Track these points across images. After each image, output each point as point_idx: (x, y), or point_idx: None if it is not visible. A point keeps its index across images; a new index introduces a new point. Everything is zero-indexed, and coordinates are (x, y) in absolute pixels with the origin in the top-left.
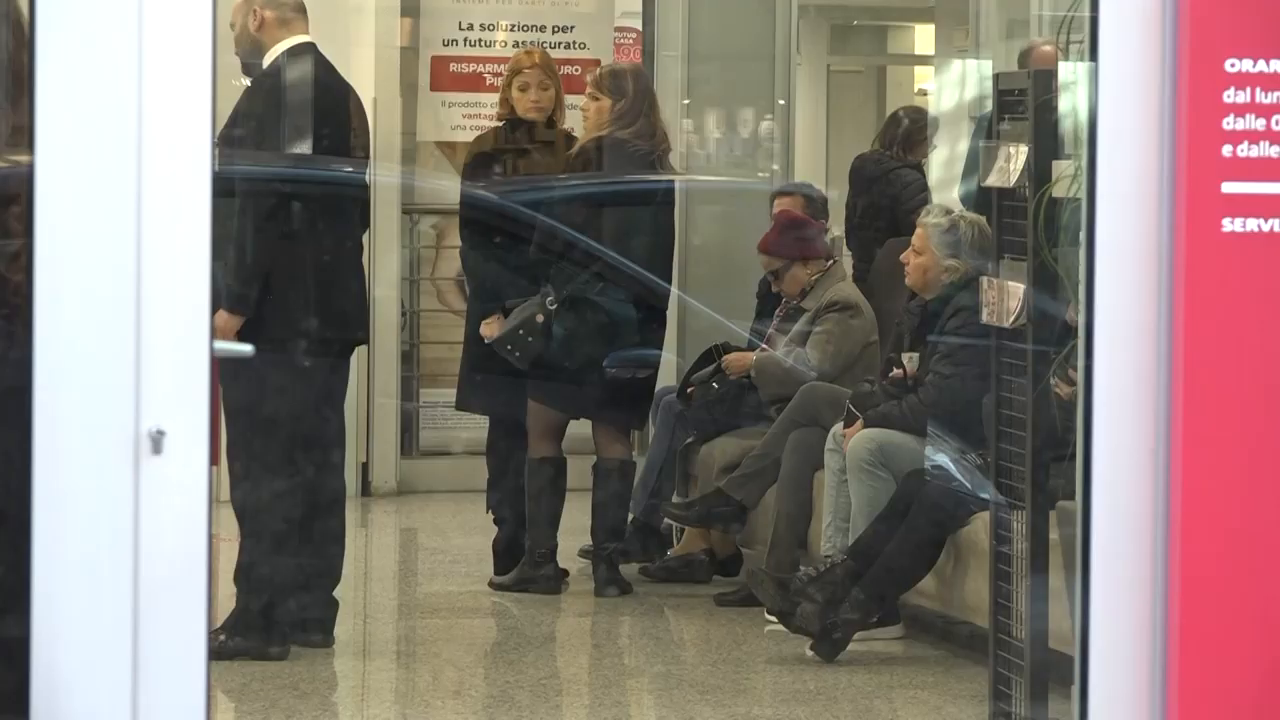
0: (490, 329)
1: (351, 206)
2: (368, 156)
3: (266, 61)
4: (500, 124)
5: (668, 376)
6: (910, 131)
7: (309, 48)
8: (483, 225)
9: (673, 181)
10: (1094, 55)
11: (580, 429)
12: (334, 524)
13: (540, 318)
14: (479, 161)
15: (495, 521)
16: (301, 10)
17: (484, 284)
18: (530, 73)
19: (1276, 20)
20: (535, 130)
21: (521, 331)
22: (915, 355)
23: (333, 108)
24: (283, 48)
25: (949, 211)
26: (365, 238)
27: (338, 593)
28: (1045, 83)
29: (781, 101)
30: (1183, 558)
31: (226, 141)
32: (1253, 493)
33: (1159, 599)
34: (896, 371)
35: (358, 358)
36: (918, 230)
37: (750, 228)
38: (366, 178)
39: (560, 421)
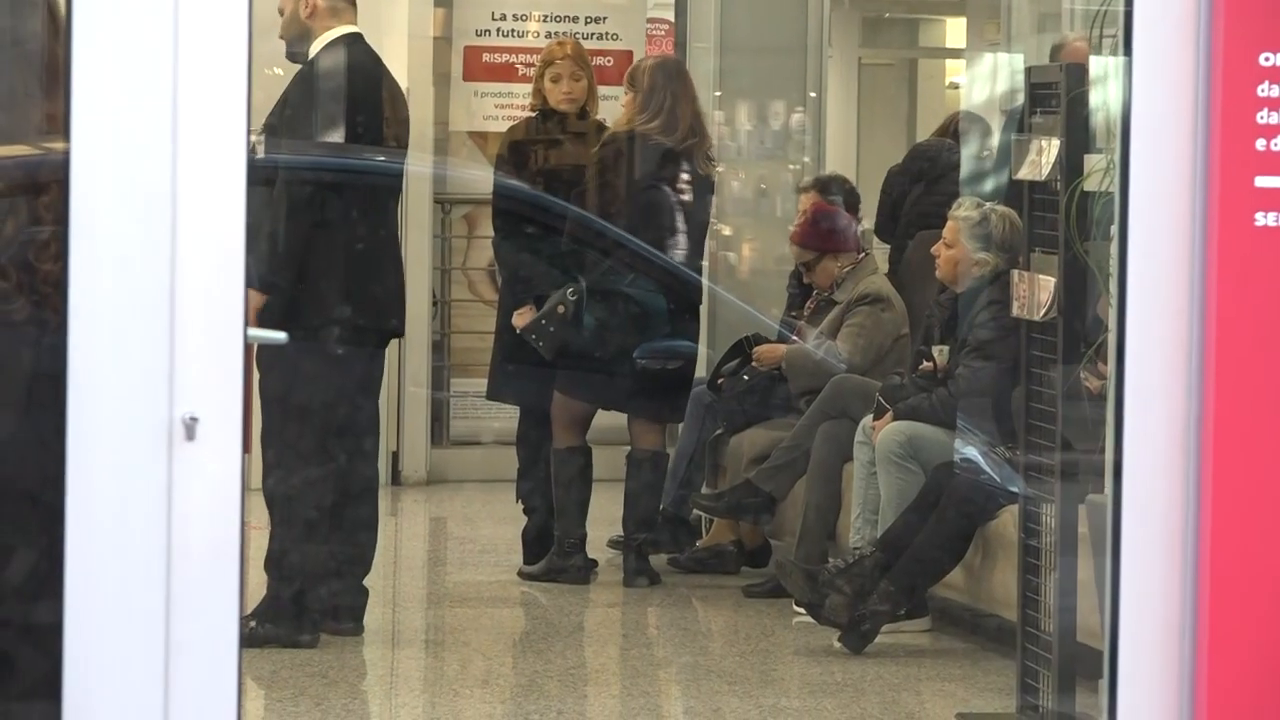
0: (522, 319)
1: (395, 197)
2: (406, 148)
3: (314, 50)
4: (533, 115)
5: (698, 368)
6: (950, 125)
7: (358, 38)
8: (515, 215)
9: (706, 177)
10: (1128, 49)
11: (613, 420)
12: (366, 512)
13: (561, 308)
14: (512, 151)
15: (525, 511)
16: (352, 0)
17: (516, 274)
18: (562, 64)
19: None
20: (567, 121)
21: (544, 321)
22: (945, 348)
23: (386, 98)
24: (331, 36)
25: (980, 205)
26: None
27: (368, 581)
28: (1078, 77)
29: (813, 94)
30: (1212, 553)
31: (272, 129)
32: None
33: (1189, 594)
34: (926, 364)
35: (390, 348)
36: (949, 223)
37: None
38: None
39: (586, 412)
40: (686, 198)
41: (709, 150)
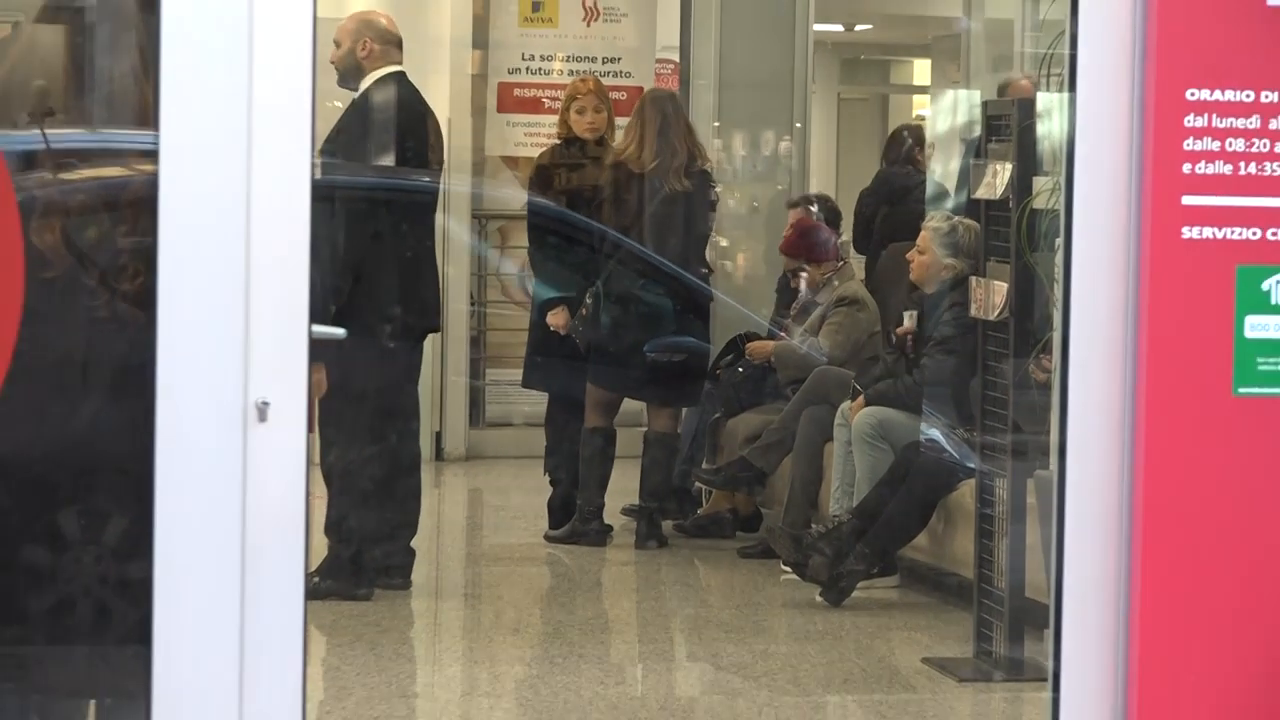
0: (557, 319)
1: (432, 212)
2: (442, 169)
3: (366, 84)
4: (559, 142)
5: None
6: (913, 146)
7: (403, 75)
8: (544, 229)
9: (682, 192)
10: (1072, 87)
11: (627, 404)
12: (412, 483)
13: (583, 309)
14: (540, 174)
15: (551, 483)
16: (400, 44)
17: (546, 280)
18: (585, 98)
19: (1229, 55)
20: (588, 148)
21: (574, 321)
22: (914, 312)
23: (430, 127)
24: (381, 74)
25: (950, 218)
26: (440, 238)
27: (414, 543)
28: (1027, 110)
29: (798, 124)
30: (1144, 520)
31: (330, 153)
32: (1207, 459)
33: (1123, 555)
34: (902, 327)
35: (433, 342)
36: (923, 232)
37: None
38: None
39: (613, 398)
40: (656, 210)
41: (679, 169)
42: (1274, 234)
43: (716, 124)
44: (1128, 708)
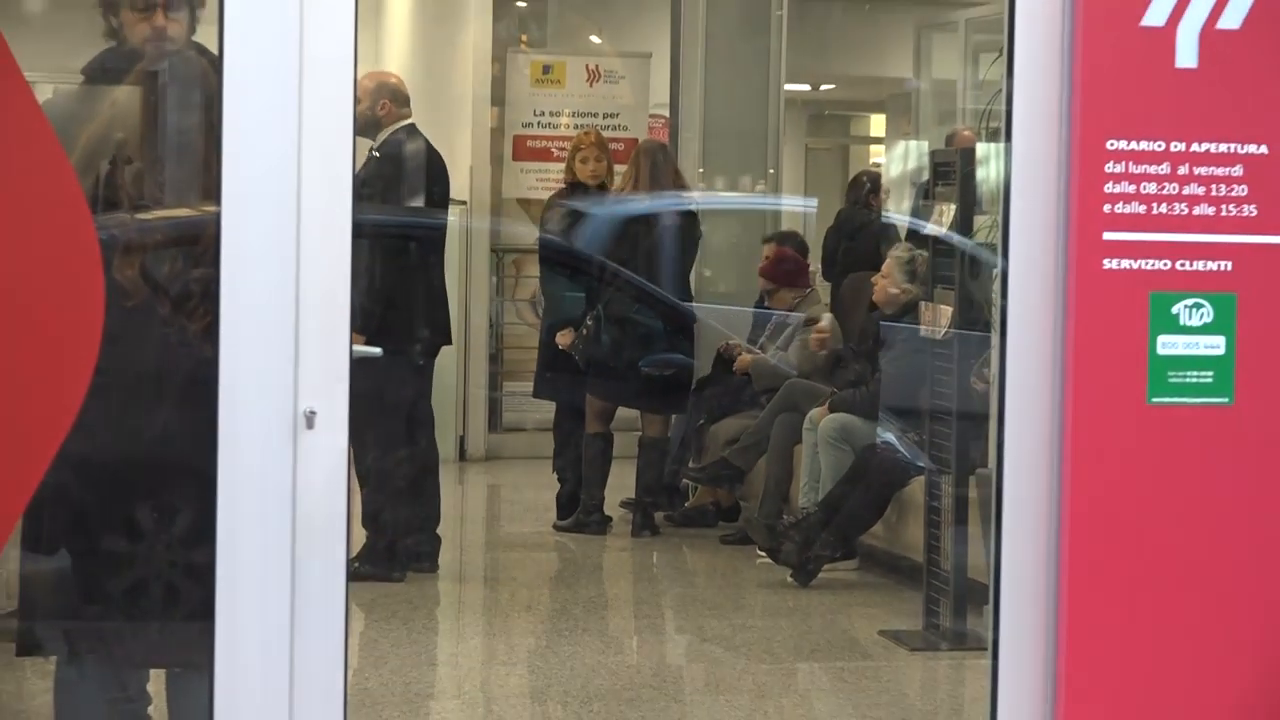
0: (564, 339)
1: (443, 244)
2: (449, 207)
3: (383, 136)
4: (564, 186)
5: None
6: (870, 190)
7: (414, 128)
8: (552, 261)
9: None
10: (1008, 137)
11: (624, 411)
12: (432, 480)
13: (585, 330)
14: (552, 215)
15: (559, 480)
16: (408, 101)
17: (553, 304)
18: (588, 149)
19: (1143, 110)
20: (590, 191)
21: (578, 341)
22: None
23: (438, 171)
24: (395, 127)
25: (911, 249)
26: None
27: (441, 532)
28: (968, 158)
29: (771, 170)
30: (1070, 511)
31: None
32: (1123, 460)
33: (1052, 540)
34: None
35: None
36: (887, 260)
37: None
38: (448, 224)
39: (611, 407)
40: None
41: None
42: (1182, 265)
43: (701, 170)
44: (1056, 672)
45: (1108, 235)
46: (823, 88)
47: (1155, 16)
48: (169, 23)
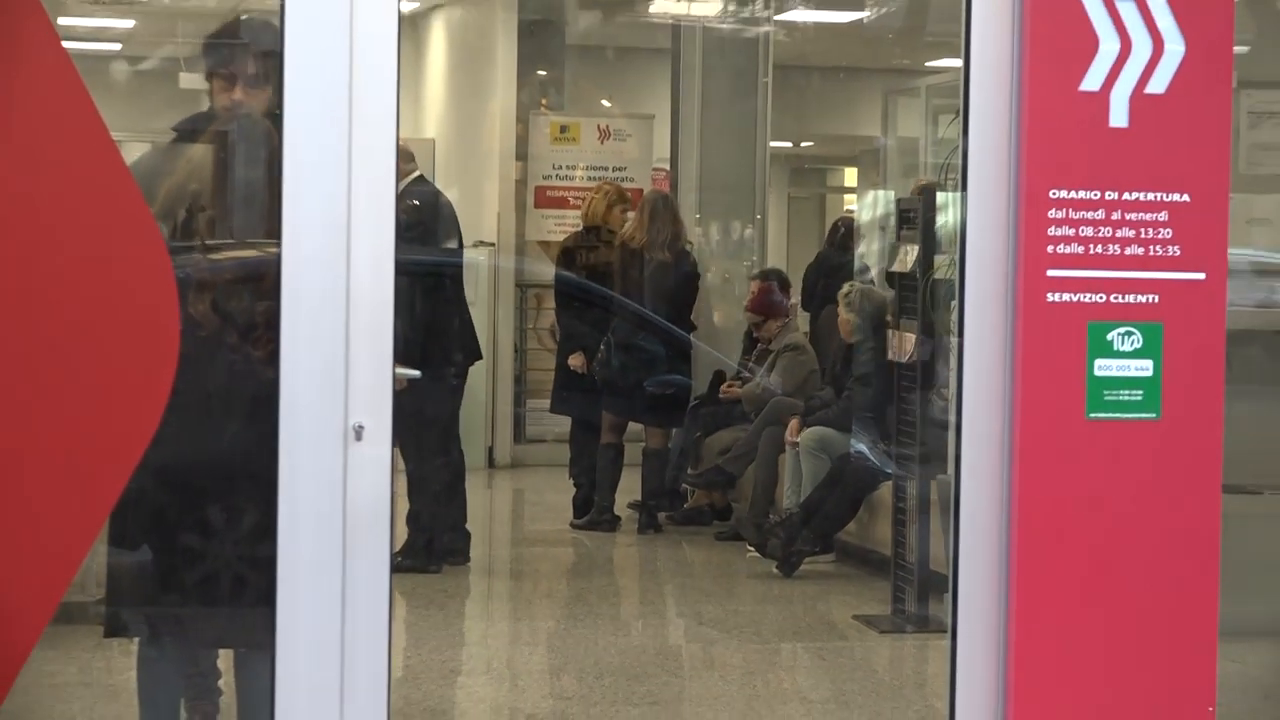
0: (576, 361)
1: (460, 277)
2: (461, 247)
3: (401, 188)
4: (579, 230)
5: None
6: (846, 234)
7: (423, 178)
8: (568, 295)
9: (668, 263)
10: (964, 187)
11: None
12: (463, 483)
13: (599, 355)
14: (565, 254)
15: (575, 485)
16: (413, 158)
17: (569, 332)
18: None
19: (1081, 163)
20: (601, 234)
21: (594, 363)
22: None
23: (449, 214)
24: (407, 180)
25: (852, 286)
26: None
27: (475, 529)
28: (930, 204)
29: (759, 216)
30: (1019, 511)
31: None
32: (1065, 467)
33: (1003, 536)
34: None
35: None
36: (839, 299)
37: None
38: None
39: (620, 421)
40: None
41: (668, 247)
42: (1115, 298)
43: (698, 216)
44: (1006, 651)
45: (1051, 272)
46: (803, 144)
47: (1091, 82)
48: (248, 94)
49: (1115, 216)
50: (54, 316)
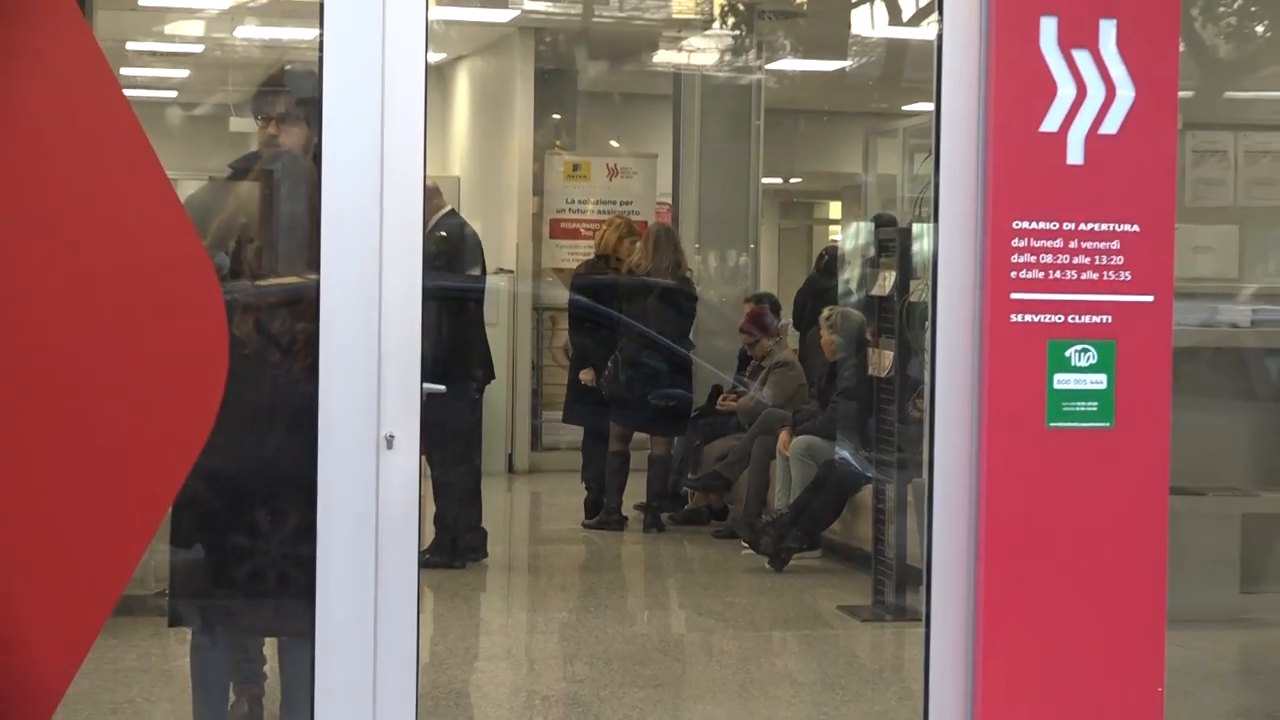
0: (587, 376)
1: (481, 300)
2: (484, 274)
3: (432, 221)
4: (591, 259)
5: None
6: (831, 261)
7: (454, 212)
8: (579, 318)
9: (675, 288)
10: (936, 219)
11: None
12: (479, 487)
13: (608, 370)
14: (578, 280)
15: (586, 488)
16: (440, 193)
17: (580, 351)
18: (611, 230)
19: (1041, 197)
20: (610, 262)
21: (603, 379)
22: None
23: (475, 244)
24: (441, 213)
25: (832, 310)
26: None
27: (493, 528)
28: (906, 235)
29: (752, 246)
30: (986, 511)
31: None
32: (1027, 471)
33: (971, 534)
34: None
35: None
36: (820, 321)
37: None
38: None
39: (627, 431)
40: (654, 300)
41: (672, 274)
42: (1072, 318)
43: (697, 245)
44: (975, 638)
45: (1014, 295)
46: (792, 181)
47: (1050, 124)
48: (291, 136)
49: (1072, 245)
50: (113, 337)
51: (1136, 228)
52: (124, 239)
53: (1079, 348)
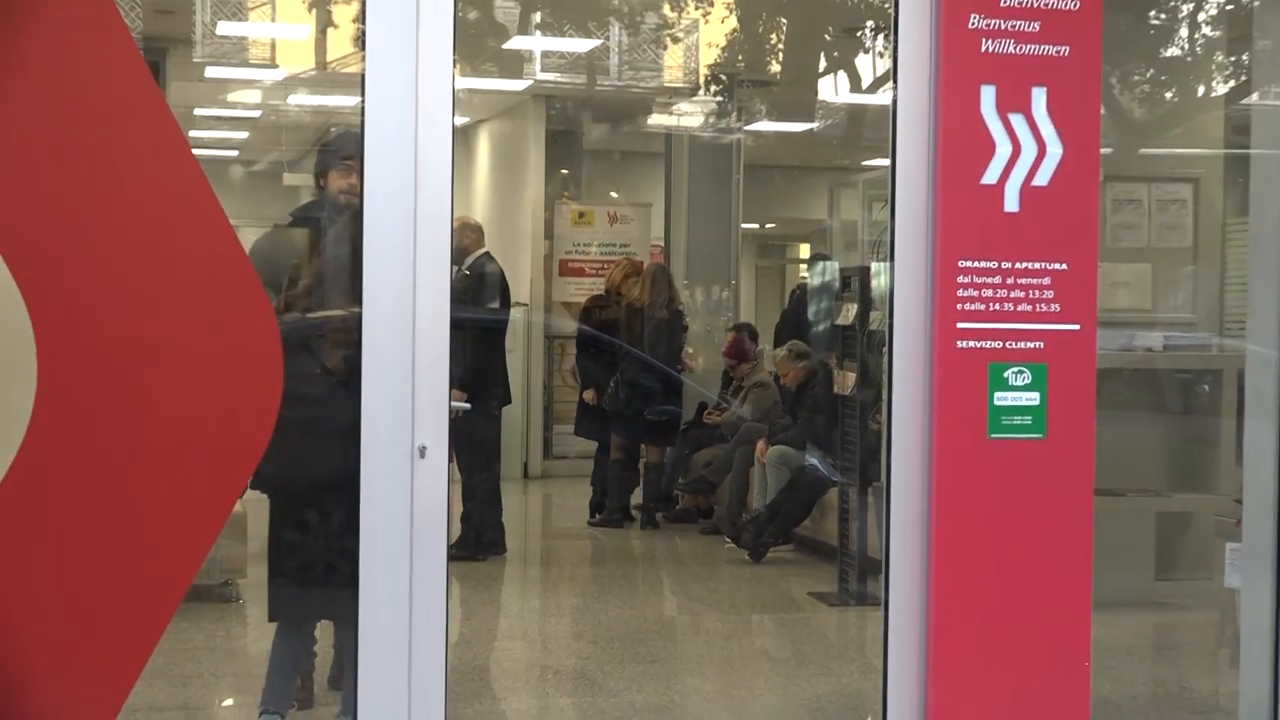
0: (590, 396)
1: (505, 330)
2: (508, 308)
3: (468, 260)
4: (598, 294)
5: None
6: (802, 296)
7: (489, 254)
8: (585, 345)
9: (666, 320)
10: (892, 258)
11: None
12: (499, 491)
13: (610, 390)
14: (585, 312)
15: (593, 490)
16: (484, 234)
17: (586, 373)
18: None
19: (982, 240)
20: (612, 295)
21: (605, 398)
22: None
23: (504, 283)
24: (478, 253)
25: (790, 347)
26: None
27: (512, 525)
28: (865, 273)
29: (733, 282)
30: (936, 511)
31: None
32: (971, 476)
33: (924, 529)
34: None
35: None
36: (780, 354)
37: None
38: (514, 319)
39: (628, 442)
40: (658, 329)
41: (665, 307)
42: (1010, 344)
43: (686, 281)
44: (927, 619)
45: (960, 324)
46: (767, 226)
47: (990, 177)
48: (339, 188)
49: (1009, 281)
50: (181, 366)
51: (1064, 266)
52: (194, 280)
53: (1015, 369)
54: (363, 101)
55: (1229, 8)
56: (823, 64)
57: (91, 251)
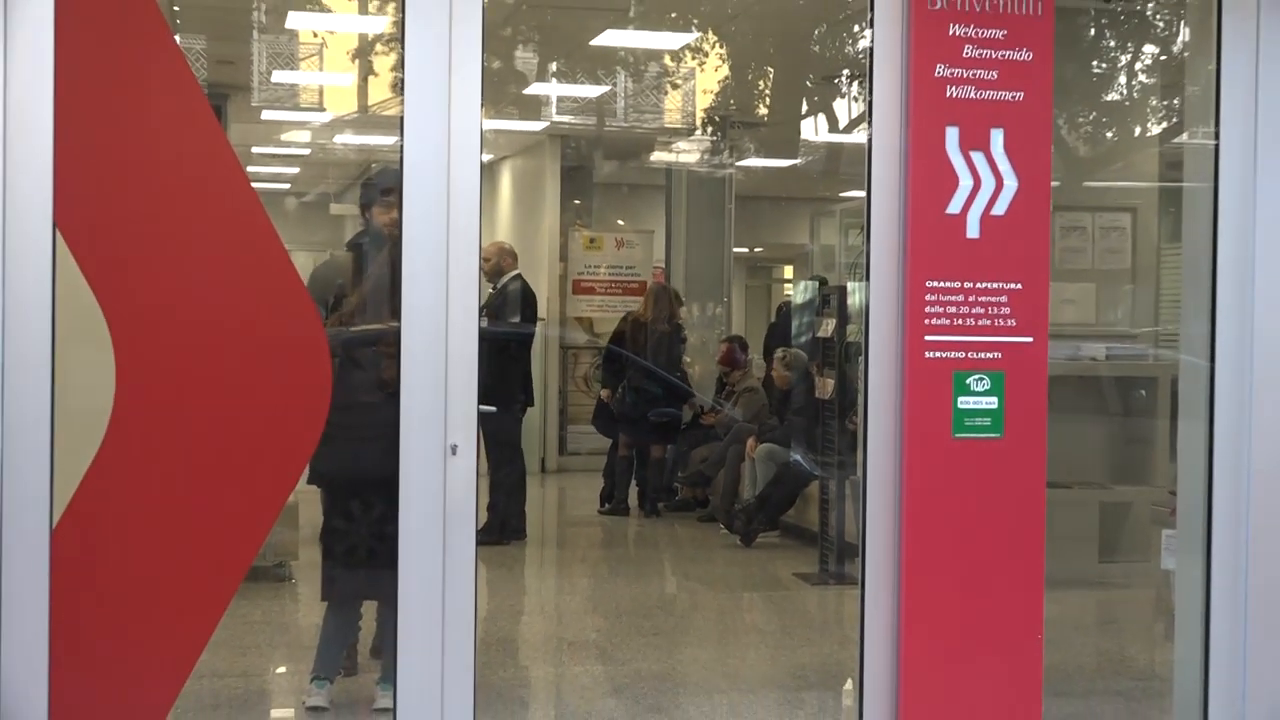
0: (606, 395)
1: (531, 343)
2: (535, 323)
3: (502, 281)
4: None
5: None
6: (787, 312)
7: (519, 275)
8: (607, 358)
9: (670, 334)
10: (867, 278)
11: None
12: (523, 483)
13: (618, 395)
14: (618, 333)
15: (604, 482)
16: (516, 257)
17: (603, 378)
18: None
19: (929, 262)
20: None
21: (615, 400)
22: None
23: (534, 302)
24: (510, 274)
25: (785, 351)
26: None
27: (531, 516)
28: (843, 291)
29: (726, 299)
30: (906, 502)
31: (485, 315)
32: (937, 471)
33: (895, 517)
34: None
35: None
36: (774, 359)
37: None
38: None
39: (634, 441)
40: (660, 341)
41: (667, 321)
42: (971, 355)
43: (684, 298)
44: (899, 598)
45: (927, 337)
46: (756, 250)
47: (954, 207)
48: (383, 218)
49: (971, 299)
50: (243, 372)
51: (1019, 286)
52: (253, 297)
53: (976, 377)
54: (401, 140)
55: (1163, 58)
56: (805, 107)
57: (166, 271)
